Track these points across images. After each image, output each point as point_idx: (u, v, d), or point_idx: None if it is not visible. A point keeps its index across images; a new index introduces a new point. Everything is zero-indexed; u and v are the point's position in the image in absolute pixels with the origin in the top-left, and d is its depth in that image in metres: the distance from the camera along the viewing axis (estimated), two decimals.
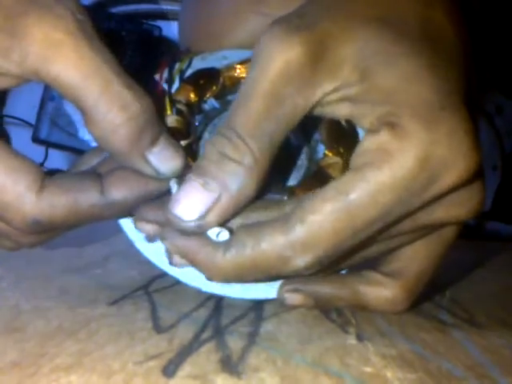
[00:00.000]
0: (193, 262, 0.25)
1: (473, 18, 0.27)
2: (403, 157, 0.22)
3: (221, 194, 0.24)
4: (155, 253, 0.29)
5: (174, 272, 0.29)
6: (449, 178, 0.23)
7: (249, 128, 0.23)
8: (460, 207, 0.25)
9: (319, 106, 0.24)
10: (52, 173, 0.28)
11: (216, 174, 0.24)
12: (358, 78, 0.23)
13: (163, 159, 0.26)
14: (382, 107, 0.23)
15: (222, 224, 0.25)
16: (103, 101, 0.24)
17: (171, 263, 0.28)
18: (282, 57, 0.23)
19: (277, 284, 0.28)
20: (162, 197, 0.27)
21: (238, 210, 0.24)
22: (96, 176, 0.27)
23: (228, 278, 0.25)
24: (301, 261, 0.23)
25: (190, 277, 0.29)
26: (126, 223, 0.30)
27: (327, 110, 0.25)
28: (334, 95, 0.24)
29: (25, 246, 0.29)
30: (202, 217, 0.24)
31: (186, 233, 0.25)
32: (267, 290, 0.29)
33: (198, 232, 0.24)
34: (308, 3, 0.25)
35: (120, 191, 0.26)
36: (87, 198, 0.26)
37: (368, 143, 0.23)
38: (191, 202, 0.24)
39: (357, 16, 0.24)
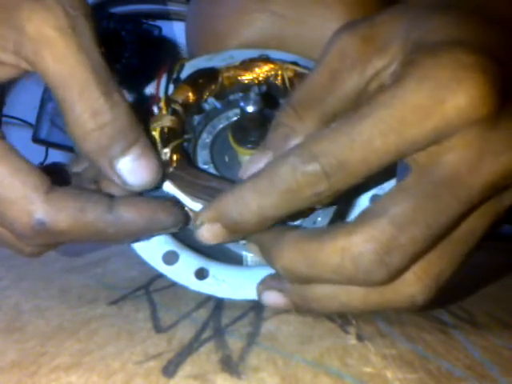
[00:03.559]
0: None
1: None
2: (404, 78, 0.22)
3: (271, 155, 0.26)
4: (147, 250, 0.29)
5: (164, 269, 0.29)
6: (455, 101, 0.21)
7: (302, 99, 0.26)
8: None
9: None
10: (50, 167, 0.28)
11: (271, 137, 0.27)
12: (406, 52, 0.24)
13: (132, 170, 0.26)
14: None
15: None
16: (78, 104, 0.24)
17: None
18: (338, 41, 0.25)
19: None
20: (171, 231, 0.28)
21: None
22: (107, 194, 0.27)
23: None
24: (312, 166, 0.23)
25: (180, 275, 0.29)
26: None
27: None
28: (385, 72, 0.25)
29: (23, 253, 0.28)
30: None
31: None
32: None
33: None
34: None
35: (128, 212, 0.26)
36: (94, 210, 0.25)
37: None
38: (251, 164, 0.26)
39: (411, 7, 0.25)
